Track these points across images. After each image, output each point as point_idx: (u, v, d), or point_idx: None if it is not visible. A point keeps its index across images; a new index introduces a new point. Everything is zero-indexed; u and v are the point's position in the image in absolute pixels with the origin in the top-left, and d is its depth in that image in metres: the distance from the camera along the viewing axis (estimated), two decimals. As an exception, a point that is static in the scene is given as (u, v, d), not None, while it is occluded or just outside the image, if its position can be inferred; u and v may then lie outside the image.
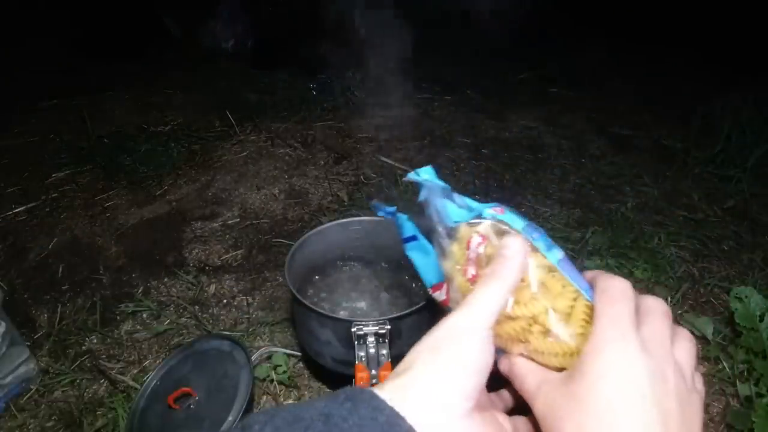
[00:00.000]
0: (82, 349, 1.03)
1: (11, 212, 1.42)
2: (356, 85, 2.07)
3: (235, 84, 2.18)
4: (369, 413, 0.28)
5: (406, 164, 1.61)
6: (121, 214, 1.40)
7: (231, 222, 1.37)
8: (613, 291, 0.32)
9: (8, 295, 1.13)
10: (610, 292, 0.32)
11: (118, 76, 2.23)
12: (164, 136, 1.78)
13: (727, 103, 1.80)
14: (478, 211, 0.37)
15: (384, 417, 0.28)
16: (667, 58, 2.38)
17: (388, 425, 0.28)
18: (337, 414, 0.28)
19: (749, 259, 1.25)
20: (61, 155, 1.66)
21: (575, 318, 0.33)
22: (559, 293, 0.34)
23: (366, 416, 0.28)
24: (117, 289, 1.17)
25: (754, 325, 0.96)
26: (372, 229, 0.97)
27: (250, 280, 1.18)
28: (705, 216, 1.41)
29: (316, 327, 0.80)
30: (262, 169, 1.60)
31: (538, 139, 1.81)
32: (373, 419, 0.28)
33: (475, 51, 2.46)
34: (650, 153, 1.73)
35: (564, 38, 2.57)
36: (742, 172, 1.57)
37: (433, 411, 0.29)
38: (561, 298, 0.34)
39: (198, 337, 0.99)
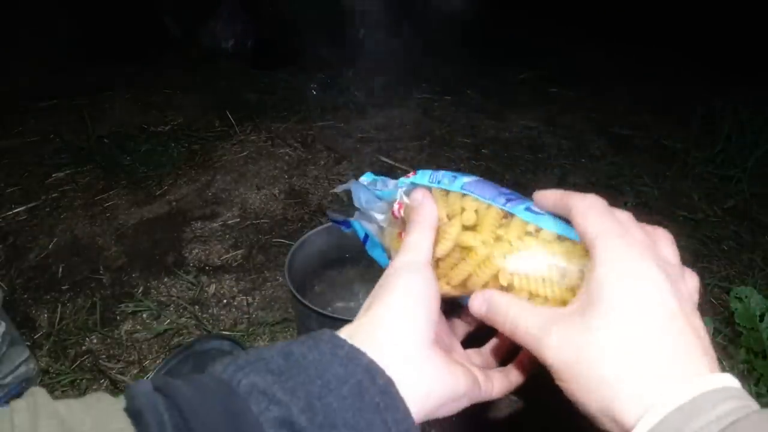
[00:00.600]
0: (82, 349, 1.03)
1: (11, 212, 1.42)
2: (356, 85, 2.07)
3: (235, 84, 2.18)
4: (329, 349, 0.29)
5: (406, 164, 1.61)
6: (121, 214, 1.40)
7: (231, 222, 1.37)
8: (600, 208, 0.32)
9: (8, 295, 1.13)
10: (597, 209, 0.32)
11: (118, 76, 2.23)
12: (164, 136, 1.78)
13: (727, 103, 1.80)
14: (394, 184, 0.43)
15: (344, 352, 0.29)
16: (667, 59, 2.38)
17: (348, 359, 0.28)
18: (298, 351, 0.29)
19: (749, 259, 1.25)
20: (61, 155, 1.66)
21: (485, 225, 0.36)
22: (463, 211, 0.37)
23: (326, 352, 0.29)
24: (117, 289, 1.17)
25: (754, 325, 0.96)
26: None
27: (250, 280, 1.18)
28: (705, 216, 1.41)
29: (316, 327, 0.80)
30: (262, 169, 1.60)
31: (538, 139, 1.81)
32: (333, 354, 0.29)
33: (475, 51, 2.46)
34: (650, 153, 1.73)
35: (564, 38, 2.57)
36: (742, 172, 1.57)
37: (388, 344, 0.30)
38: (466, 214, 0.37)
39: (198, 337, 0.99)
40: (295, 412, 0.26)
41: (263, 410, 0.26)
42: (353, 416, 0.27)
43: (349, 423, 0.26)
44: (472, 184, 0.39)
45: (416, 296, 0.33)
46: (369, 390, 0.28)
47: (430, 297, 0.33)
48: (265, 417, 0.26)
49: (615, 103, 2.05)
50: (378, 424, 0.27)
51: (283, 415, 0.26)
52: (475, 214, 0.37)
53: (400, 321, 0.31)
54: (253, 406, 0.26)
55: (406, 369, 0.30)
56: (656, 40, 2.44)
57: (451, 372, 0.32)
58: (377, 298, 0.33)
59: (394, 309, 0.32)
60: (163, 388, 0.26)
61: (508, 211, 0.36)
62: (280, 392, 0.26)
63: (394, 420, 0.27)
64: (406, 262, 0.35)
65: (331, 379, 0.27)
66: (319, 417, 0.26)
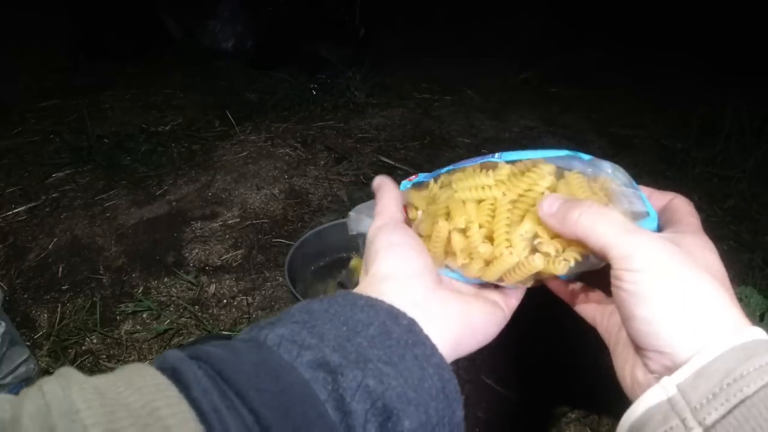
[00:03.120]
0: (82, 349, 1.03)
1: (11, 212, 1.42)
2: (356, 85, 2.07)
3: (235, 84, 2.18)
4: (348, 301, 0.30)
5: (406, 164, 1.61)
6: (121, 214, 1.40)
7: (231, 222, 1.37)
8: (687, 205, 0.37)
9: (8, 295, 1.13)
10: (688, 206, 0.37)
11: (118, 76, 2.23)
12: (164, 136, 1.78)
13: (727, 103, 1.80)
14: None
15: (363, 301, 0.30)
16: (667, 59, 2.38)
17: (368, 306, 0.29)
18: (318, 307, 0.29)
19: (749, 259, 1.25)
20: (61, 155, 1.66)
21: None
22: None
23: (345, 304, 0.29)
24: (117, 289, 1.17)
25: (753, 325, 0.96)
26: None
27: (250, 280, 1.18)
28: (705, 216, 1.41)
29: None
30: (262, 169, 1.60)
31: (538, 139, 1.80)
32: (353, 304, 0.29)
33: (476, 51, 2.47)
34: (650, 153, 1.73)
35: (564, 38, 2.57)
36: (742, 172, 1.57)
37: (395, 294, 0.31)
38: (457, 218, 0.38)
39: (198, 337, 0.99)
40: (328, 352, 0.26)
41: (295, 357, 0.26)
42: (385, 352, 0.27)
43: (382, 358, 0.27)
44: (452, 165, 0.41)
45: (404, 246, 0.34)
46: (394, 330, 0.28)
47: (417, 245, 0.35)
48: (299, 362, 0.26)
49: (615, 103, 2.05)
50: (410, 358, 0.27)
51: (316, 357, 0.26)
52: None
53: (400, 271, 0.33)
54: (285, 354, 0.26)
55: (417, 312, 0.30)
56: (656, 40, 2.43)
57: (462, 304, 0.33)
58: (371, 259, 0.34)
59: (390, 262, 0.33)
60: (191, 353, 0.26)
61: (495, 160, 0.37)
62: (309, 337, 0.27)
63: (424, 355, 0.28)
64: (382, 224, 0.37)
65: (357, 324, 0.28)
66: (352, 354, 0.26)
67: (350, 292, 0.31)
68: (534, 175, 0.35)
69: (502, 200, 0.35)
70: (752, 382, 0.24)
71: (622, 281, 0.29)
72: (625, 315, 0.29)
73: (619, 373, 0.32)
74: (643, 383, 0.29)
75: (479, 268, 0.35)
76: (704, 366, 0.26)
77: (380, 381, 0.26)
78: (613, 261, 0.29)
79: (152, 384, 0.23)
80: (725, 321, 0.27)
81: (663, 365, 0.28)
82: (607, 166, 0.36)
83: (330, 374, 0.25)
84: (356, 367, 0.26)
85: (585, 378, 0.83)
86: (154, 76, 2.24)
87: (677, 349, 0.27)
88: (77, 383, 0.22)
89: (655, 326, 0.28)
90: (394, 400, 0.25)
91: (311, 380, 0.25)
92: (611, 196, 0.34)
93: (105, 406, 0.21)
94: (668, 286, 0.28)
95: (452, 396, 0.28)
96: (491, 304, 0.35)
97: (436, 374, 0.27)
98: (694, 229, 0.34)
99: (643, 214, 0.33)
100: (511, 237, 0.34)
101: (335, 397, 0.25)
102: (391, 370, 0.26)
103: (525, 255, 0.33)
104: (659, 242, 0.29)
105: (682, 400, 0.26)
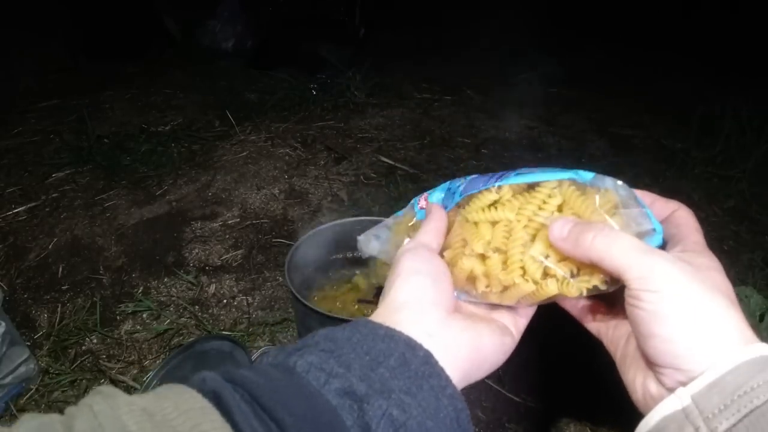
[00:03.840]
0: (82, 349, 1.03)
1: (11, 212, 1.42)
2: (356, 85, 2.07)
3: (235, 84, 2.18)
4: (369, 331, 0.31)
5: (406, 164, 1.61)
6: (121, 214, 1.40)
7: (231, 222, 1.37)
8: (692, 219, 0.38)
9: (8, 295, 1.13)
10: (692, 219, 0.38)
11: (118, 76, 2.23)
12: (164, 136, 1.78)
13: (727, 103, 1.80)
14: (409, 206, 0.47)
15: (383, 331, 0.31)
16: (668, 59, 2.38)
17: (388, 337, 0.31)
18: (341, 335, 0.31)
19: (749, 259, 1.25)
20: (61, 155, 1.66)
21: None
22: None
23: (367, 333, 0.31)
24: (117, 289, 1.17)
25: (754, 325, 0.96)
26: (372, 229, 0.96)
27: (250, 280, 1.18)
28: (705, 216, 1.41)
29: (316, 327, 0.80)
30: (262, 169, 1.60)
31: (538, 139, 1.80)
32: (374, 334, 0.31)
33: (476, 51, 2.46)
34: (650, 153, 1.73)
35: (564, 39, 2.57)
36: (742, 172, 1.57)
37: (410, 324, 0.32)
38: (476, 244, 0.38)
39: (198, 337, 0.99)
40: (354, 381, 0.28)
41: (324, 384, 0.28)
42: (405, 383, 0.29)
43: (403, 389, 0.29)
44: (466, 185, 0.41)
45: (422, 274, 0.36)
46: (413, 361, 0.30)
47: (436, 272, 0.36)
48: (327, 389, 0.27)
49: (615, 103, 2.05)
50: (427, 389, 0.29)
51: (343, 385, 0.28)
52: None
53: (414, 300, 0.34)
54: (314, 381, 0.28)
55: (431, 343, 0.32)
56: (656, 40, 2.43)
57: (474, 335, 0.34)
58: (390, 284, 0.36)
59: (406, 290, 0.35)
60: (227, 376, 0.28)
61: (500, 184, 0.38)
62: (336, 366, 0.29)
63: (439, 386, 0.30)
64: (409, 248, 0.38)
65: (378, 354, 0.30)
66: (376, 384, 0.28)
67: (370, 321, 0.33)
68: (542, 194, 0.36)
69: (517, 225, 0.36)
70: (761, 394, 0.26)
71: (640, 301, 0.30)
72: (643, 333, 0.30)
73: (629, 386, 0.33)
74: (656, 396, 0.31)
75: (497, 293, 0.36)
76: (717, 379, 0.27)
77: (403, 410, 0.28)
78: (629, 282, 0.30)
79: (197, 407, 0.25)
80: (736, 337, 0.29)
81: (677, 380, 0.29)
82: (609, 183, 0.36)
83: (356, 402, 0.27)
84: (381, 396, 0.28)
85: (585, 378, 0.83)
86: (154, 76, 2.24)
87: (692, 365, 0.29)
88: (125, 404, 0.24)
89: (673, 344, 0.29)
90: (414, 428, 0.28)
91: (338, 407, 0.27)
92: (617, 215, 0.34)
93: (155, 427, 0.23)
94: (685, 305, 0.29)
95: (465, 426, 0.30)
96: (501, 331, 0.36)
97: (450, 405, 0.30)
98: (702, 248, 0.35)
99: (650, 231, 0.34)
100: (524, 260, 0.35)
101: (361, 424, 0.27)
102: (412, 401, 0.28)
103: (539, 279, 0.34)
104: (675, 263, 0.30)
105: (696, 410, 0.28)
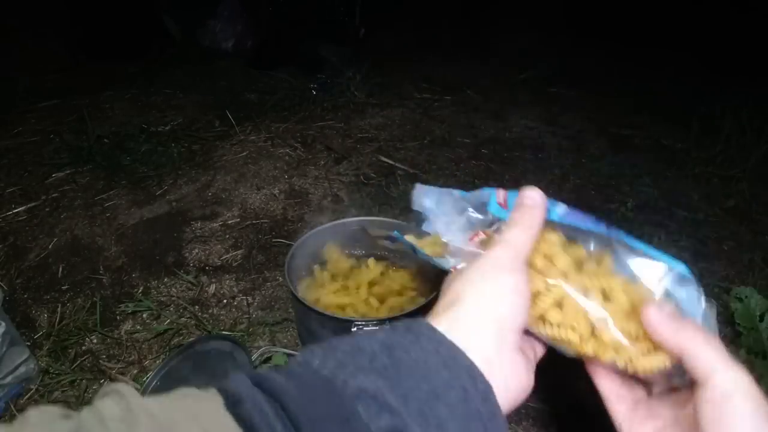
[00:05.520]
0: (82, 349, 1.03)
1: (11, 212, 1.42)
2: (356, 85, 2.07)
3: (235, 84, 2.18)
4: (432, 347, 0.28)
5: (406, 164, 1.61)
6: (121, 214, 1.40)
7: (231, 222, 1.37)
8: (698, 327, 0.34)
9: (8, 295, 1.13)
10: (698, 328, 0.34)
11: (118, 76, 2.23)
12: (164, 136, 1.78)
13: (727, 103, 1.80)
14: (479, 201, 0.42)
15: (445, 349, 0.28)
16: (668, 59, 2.38)
17: (451, 359, 0.28)
18: (399, 345, 0.28)
19: (749, 259, 1.25)
20: (61, 155, 1.66)
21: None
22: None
23: (428, 349, 0.28)
24: (117, 289, 1.17)
25: (754, 325, 0.96)
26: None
27: (250, 280, 1.18)
28: (705, 216, 1.41)
29: (316, 327, 0.80)
30: (262, 169, 1.60)
31: (538, 139, 1.80)
32: (436, 352, 0.28)
33: (476, 51, 2.46)
34: (650, 153, 1.73)
35: (564, 38, 2.57)
36: (742, 172, 1.57)
37: (485, 344, 0.30)
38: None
39: (198, 337, 0.99)
40: (409, 422, 0.25)
41: (373, 416, 0.25)
42: (460, 426, 0.27)
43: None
44: (568, 213, 0.39)
45: (502, 293, 0.32)
46: (473, 398, 0.28)
47: (515, 293, 0.33)
48: (376, 425, 0.25)
49: (615, 103, 2.05)
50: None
51: (395, 424, 0.25)
52: None
53: (481, 318, 0.31)
54: (362, 411, 0.25)
55: (489, 372, 0.30)
56: (656, 40, 2.43)
57: (523, 369, 0.33)
58: (462, 285, 0.33)
59: (478, 303, 0.32)
60: (263, 383, 0.25)
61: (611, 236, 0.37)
62: (391, 398, 0.26)
63: (495, 428, 0.28)
64: (501, 258, 0.34)
65: (438, 385, 0.27)
66: (431, 428, 0.26)
67: (434, 329, 0.30)
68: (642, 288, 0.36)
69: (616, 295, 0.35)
70: None
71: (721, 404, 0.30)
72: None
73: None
74: None
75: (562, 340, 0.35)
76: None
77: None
78: (714, 383, 0.31)
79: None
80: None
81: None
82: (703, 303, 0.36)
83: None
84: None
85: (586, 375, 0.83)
86: (154, 76, 2.24)
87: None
88: (144, 414, 0.22)
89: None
90: None
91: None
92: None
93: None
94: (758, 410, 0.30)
95: None
96: (528, 362, 0.35)
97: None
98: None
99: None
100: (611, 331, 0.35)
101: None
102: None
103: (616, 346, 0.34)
104: (746, 374, 0.31)
105: None
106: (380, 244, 0.98)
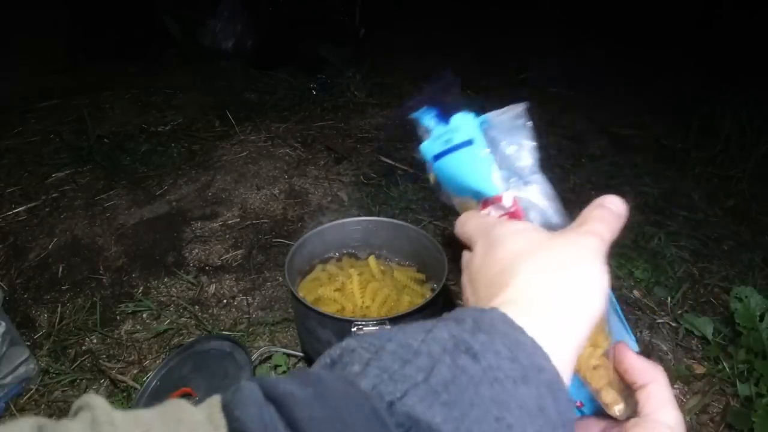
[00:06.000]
0: (82, 349, 1.03)
1: (11, 212, 1.42)
2: (356, 85, 2.07)
3: (235, 84, 2.18)
4: (508, 353, 0.22)
5: (406, 164, 1.61)
6: (121, 214, 1.40)
7: (231, 222, 1.37)
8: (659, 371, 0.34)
9: (8, 295, 1.13)
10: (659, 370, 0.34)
11: (118, 76, 2.23)
12: (164, 136, 1.78)
13: (727, 103, 1.80)
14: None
15: (525, 356, 0.22)
16: (668, 59, 2.38)
17: (534, 369, 0.22)
18: (466, 347, 0.22)
19: (749, 259, 1.25)
20: (61, 155, 1.66)
21: None
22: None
23: (505, 356, 0.22)
24: (117, 289, 1.17)
25: (754, 325, 0.96)
26: (371, 229, 0.97)
27: (250, 280, 1.18)
28: (705, 216, 1.41)
29: (316, 327, 0.80)
30: (262, 169, 1.60)
31: (538, 140, 1.80)
32: (513, 360, 0.22)
33: (476, 51, 2.46)
34: (650, 153, 1.73)
35: (564, 39, 2.57)
36: (742, 172, 1.57)
37: (570, 350, 0.25)
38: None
39: (198, 337, 0.99)
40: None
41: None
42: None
43: None
44: None
45: (598, 291, 0.28)
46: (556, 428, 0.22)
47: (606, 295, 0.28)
48: None
49: (615, 103, 2.05)
50: None
51: None
52: None
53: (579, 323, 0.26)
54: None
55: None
56: (656, 40, 2.43)
57: None
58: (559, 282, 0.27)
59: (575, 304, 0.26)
60: (280, 398, 0.19)
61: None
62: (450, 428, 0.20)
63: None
64: (595, 250, 0.29)
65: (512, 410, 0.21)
66: None
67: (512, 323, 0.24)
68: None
69: None
70: None
71: None
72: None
73: None
74: None
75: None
76: None
77: None
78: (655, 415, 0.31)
79: None
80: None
81: None
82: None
83: None
84: None
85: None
86: (154, 76, 2.24)
87: None
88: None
89: None
90: None
91: None
92: None
93: None
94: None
95: None
96: None
97: None
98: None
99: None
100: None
101: None
102: None
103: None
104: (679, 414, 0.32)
105: None
106: (380, 244, 0.98)
